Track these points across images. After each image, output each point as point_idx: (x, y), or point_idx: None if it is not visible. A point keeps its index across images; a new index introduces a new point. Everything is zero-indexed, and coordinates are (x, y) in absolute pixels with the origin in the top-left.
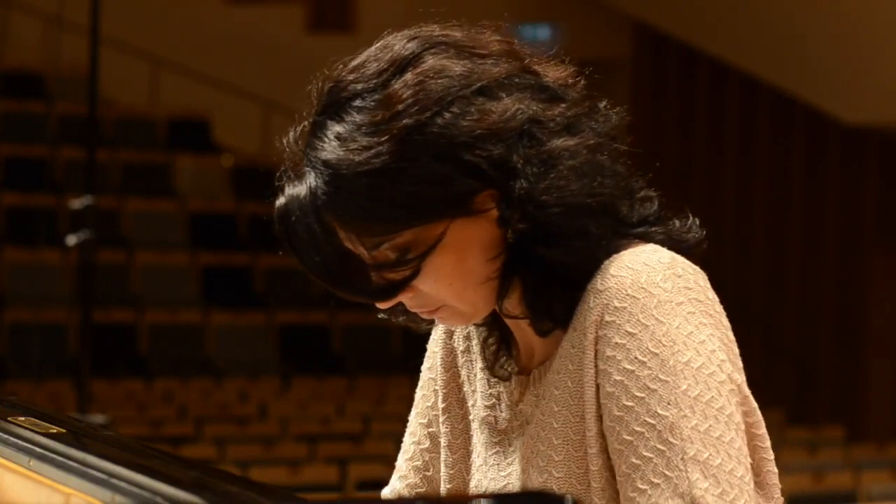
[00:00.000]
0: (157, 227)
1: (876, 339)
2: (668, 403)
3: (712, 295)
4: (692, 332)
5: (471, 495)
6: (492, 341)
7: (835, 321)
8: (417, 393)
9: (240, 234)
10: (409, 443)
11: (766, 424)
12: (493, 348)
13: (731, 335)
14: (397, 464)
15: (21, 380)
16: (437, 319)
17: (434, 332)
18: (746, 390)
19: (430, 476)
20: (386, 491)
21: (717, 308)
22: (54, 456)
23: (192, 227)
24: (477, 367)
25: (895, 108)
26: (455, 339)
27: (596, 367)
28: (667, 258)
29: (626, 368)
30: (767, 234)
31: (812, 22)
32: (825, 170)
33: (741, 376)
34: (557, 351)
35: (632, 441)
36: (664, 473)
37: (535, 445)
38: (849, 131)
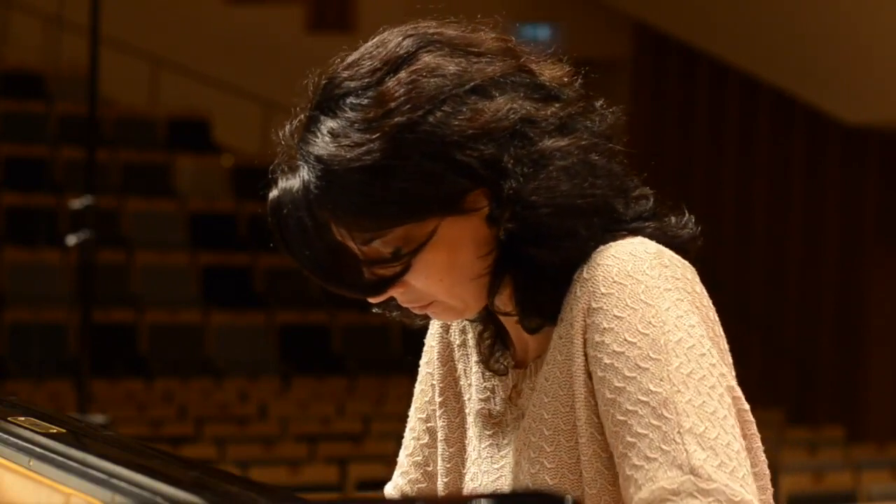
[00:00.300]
0: (157, 227)
1: (876, 339)
2: (661, 380)
3: (700, 289)
4: (681, 316)
5: (471, 495)
6: (487, 336)
7: (835, 321)
8: (416, 388)
9: (240, 234)
10: (409, 438)
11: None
12: (489, 343)
13: (720, 330)
14: (399, 459)
15: (21, 380)
16: (429, 314)
17: (431, 326)
18: (733, 382)
19: (430, 471)
20: (388, 486)
21: (706, 302)
22: (54, 456)
23: (192, 227)
24: (472, 361)
25: (895, 108)
26: (451, 333)
27: (585, 355)
28: (653, 249)
29: (615, 351)
30: (767, 234)
31: (812, 22)
32: (825, 170)
33: (731, 372)
34: (549, 343)
35: (626, 420)
36: (661, 447)
37: (527, 437)
38: (849, 131)
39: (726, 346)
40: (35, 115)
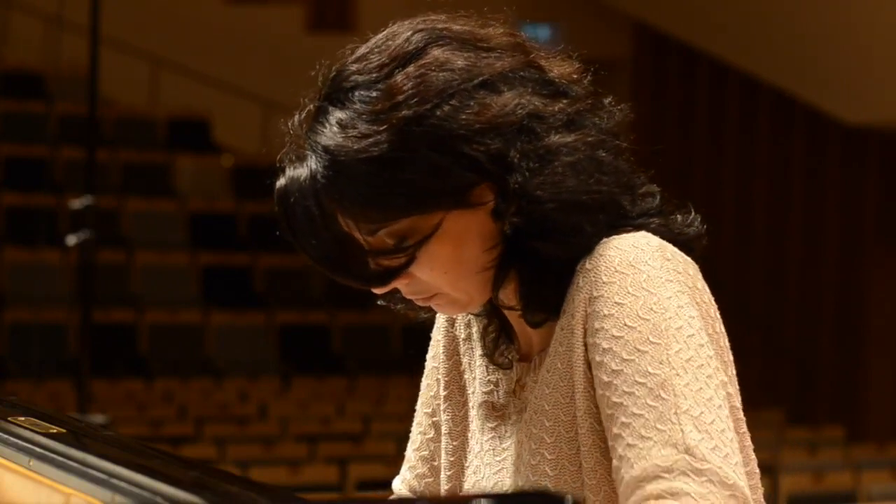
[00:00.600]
0: (157, 227)
1: (876, 339)
2: (661, 363)
3: (702, 285)
4: (682, 306)
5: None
6: (491, 329)
7: (835, 321)
8: (422, 383)
9: (240, 234)
10: (416, 433)
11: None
12: (493, 336)
13: (721, 328)
14: (406, 454)
15: (21, 380)
16: (432, 307)
17: (437, 320)
18: (726, 379)
19: (437, 466)
20: (396, 481)
21: (706, 298)
22: (54, 456)
23: (192, 227)
24: (477, 355)
25: (895, 108)
26: (457, 326)
27: (585, 344)
28: (656, 242)
29: (614, 335)
30: (767, 234)
31: (812, 22)
32: (825, 170)
33: (731, 369)
34: (553, 336)
35: (621, 402)
36: (656, 427)
37: (528, 429)
38: (849, 131)
39: (727, 343)
40: (35, 115)
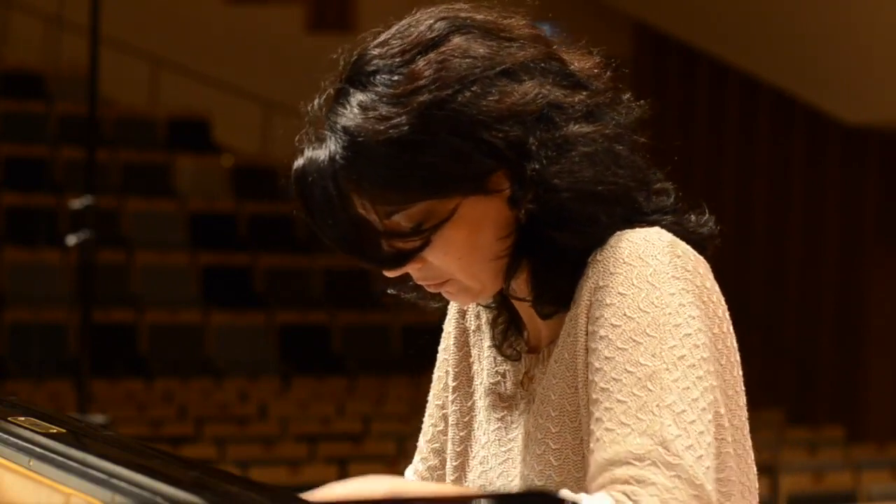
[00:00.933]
0: (157, 227)
1: (876, 339)
2: (653, 355)
3: (711, 284)
4: (684, 305)
5: (471, 495)
6: (501, 321)
7: (835, 321)
8: (434, 375)
9: (240, 234)
10: (427, 425)
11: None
12: (502, 328)
13: (728, 328)
14: (418, 445)
15: (21, 380)
16: (443, 294)
17: (448, 311)
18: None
19: (447, 457)
20: (409, 471)
21: (714, 298)
22: (54, 456)
23: (192, 227)
24: (486, 346)
25: (895, 108)
26: (468, 318)
27: (587, 332)
28: (668, 238)
29: (612, 324)
30: (767, 234)
31: (812, 22)
32: (825, 170)
33: (737, 370)
34: (562, 328)
35: (608, 388)
36: (637, 416)
37: (535, 419)
38: (849, 131)
39: (734, 343)
40: (35, 115)
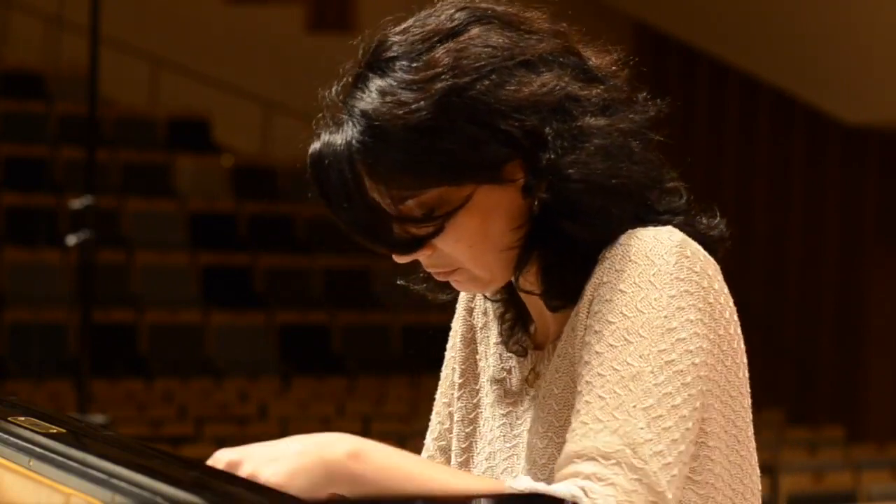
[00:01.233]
0: (157, 227)
1: (876, 339)
2: (641, 356)
3: (719, 286)
4: (683, 308)
5: (471, 495)
6: (508, 317)
7: (835, 321)
8: (441, 373)
9: (240, 234)
10: (434, 423)
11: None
12: (509, 324)
13: (735, 330)
14: (425, 443)
15: (21, 380)
16: (452, 283)
17: (457, 309)
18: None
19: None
20: None
21: (722, 300)
22: (54, 456)
23: (192, 227)
24: (492, 342)
25: (895, 108)
26: (475, 315)
27: (585, 327)
28: (678, 238)
29: (608, 321)
30: (767, 234)
31: (812, 22)
32: (825, 170)
33: (743, 371)
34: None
35: (591, 382)
36: (612, 414)
37: (539, 414)
38: (849, 131)
39: (742, 345)
40: (35, 115)
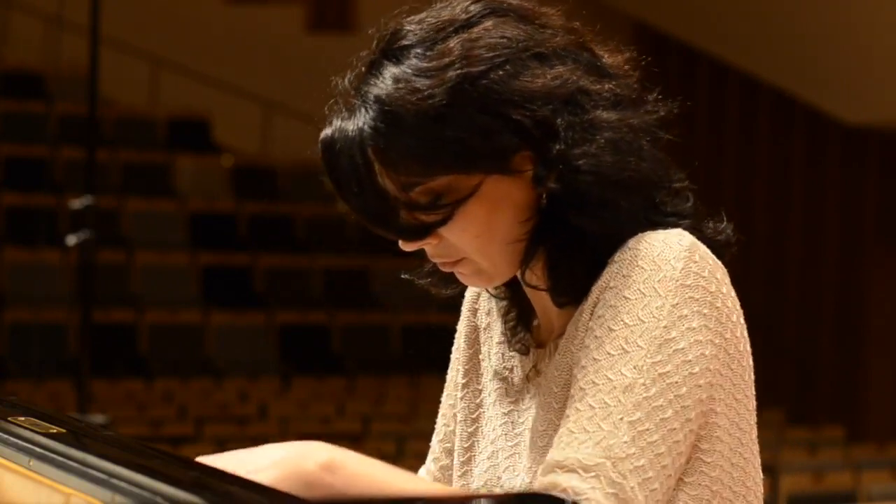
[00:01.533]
0: (157, 227)
1: (876, 339)
2: (635, 367)
3: (727, 289)
4: (685, 316)
5: (471, 495)
6: (511, 315)
7: (835, 321)
8: (447, 376)
9: (240, 234)
10: (440, 424)
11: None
12: (512, 322)
13: (741, 332)
14: (431, 445)
15: (21, 380)
16: (456, 275)
17: (462, 310)
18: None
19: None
20: (421, 471)
21: (730, 304)
22: (54, 456)
23: (192, 227)
24: (495, 342)
25: (895, 108)
26: (479, 316)
27: (587, 329)
28: (688, 242)
29: (609, 327)
30: (767, 234)
31: (812, 22)
32: (825, 170)
33: (748, 374)
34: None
35: (584, 389)
36: (599, 425)
37: (540, 412)
38: (849, 131)
39: (748, 348)
40: (35, 115)
